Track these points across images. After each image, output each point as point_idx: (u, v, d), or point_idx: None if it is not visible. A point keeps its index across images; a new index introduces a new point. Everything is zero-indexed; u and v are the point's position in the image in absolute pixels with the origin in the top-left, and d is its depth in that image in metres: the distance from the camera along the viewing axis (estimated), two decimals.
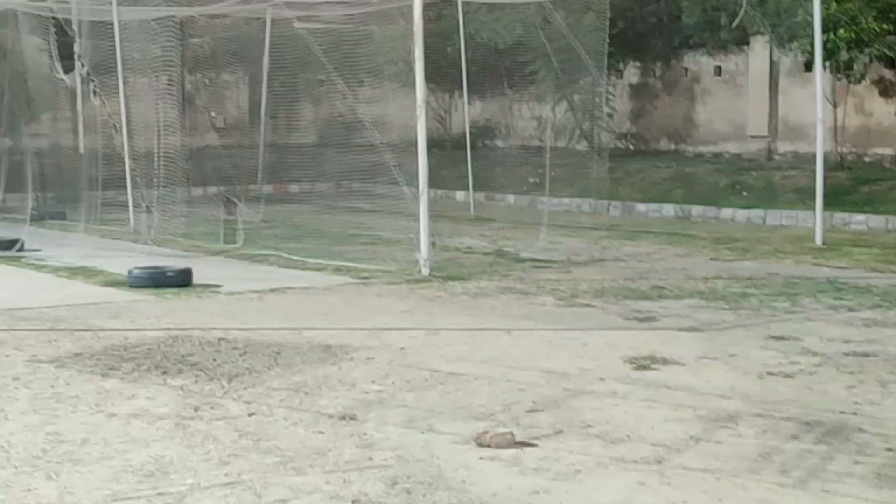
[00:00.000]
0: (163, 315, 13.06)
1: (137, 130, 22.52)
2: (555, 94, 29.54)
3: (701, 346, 11.04)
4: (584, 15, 24.33)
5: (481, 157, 29.04)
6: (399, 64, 22.79)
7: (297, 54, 26.50)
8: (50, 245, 19.74)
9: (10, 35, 25.94)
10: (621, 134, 31.13)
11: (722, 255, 18.46)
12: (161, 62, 22.24)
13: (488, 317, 12.84)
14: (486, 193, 28.17)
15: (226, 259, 18.26)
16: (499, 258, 18.25)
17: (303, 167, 27.98)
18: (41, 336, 11.78)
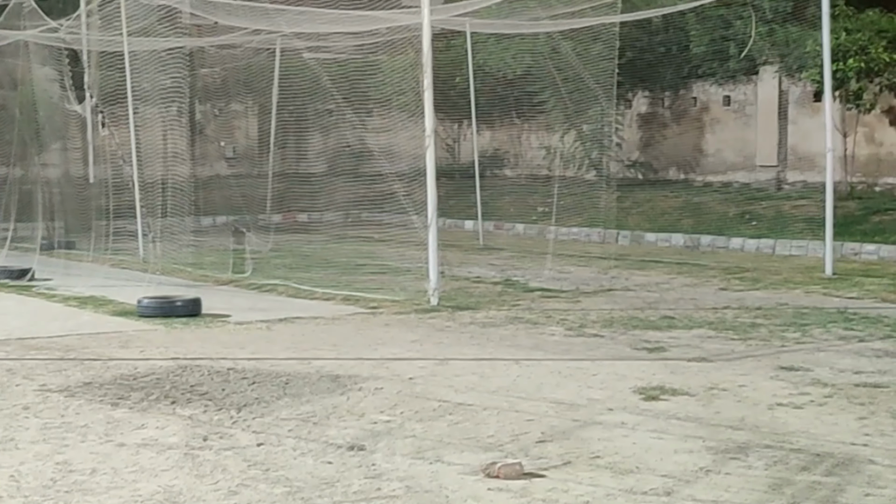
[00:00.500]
0: (172, 345, 13.06)
1: (147, 160, 22.58)
2: (563, 123, 29.57)
3: (710, 376, 11.01)
4: (592, 45, 24.37)
5: (490, 186, 29.08)
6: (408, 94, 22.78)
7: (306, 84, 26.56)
8: (60, 274, 19.79)
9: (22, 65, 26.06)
10: (630, 163, 31.14)
11: (731, 285, 18.43)
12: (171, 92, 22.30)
13: (497, 347, 12.82)
14: (494, 223, 28.20)
15: (235, 289, 18.28)
16: (507, 287, 18.24)
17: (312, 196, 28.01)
18: (51, 365, 11.78)
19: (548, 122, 30.75)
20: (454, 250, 22.48)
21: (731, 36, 28.13)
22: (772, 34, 27.11)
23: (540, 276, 19.35)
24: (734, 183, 29.03)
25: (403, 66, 23.53)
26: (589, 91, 24.49)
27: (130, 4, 21.46)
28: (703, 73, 29.73)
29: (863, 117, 25.49)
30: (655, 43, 30.02)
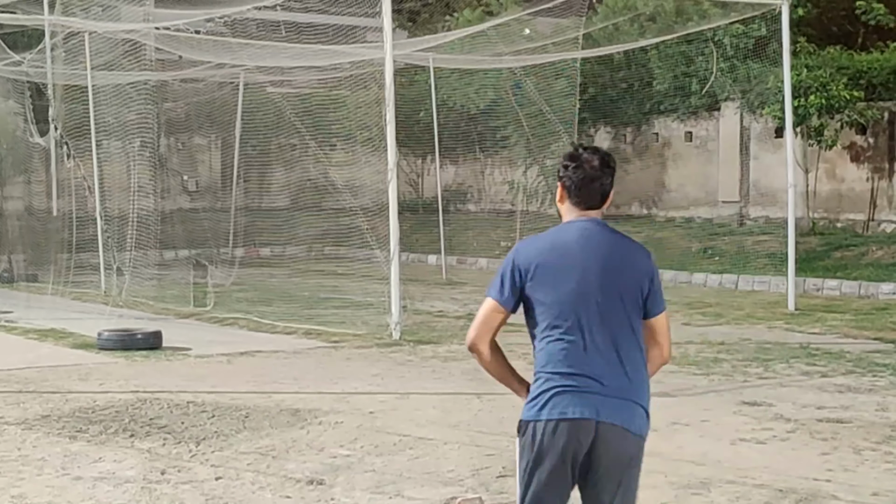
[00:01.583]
0: (132, 377, 12.99)
1: (110, 193, 22.52)
2: (526, 158, 29.65)
3: (673, 411, 10.99)
4: (555, 81, 24.50)
5: (453, 220, 29.09)
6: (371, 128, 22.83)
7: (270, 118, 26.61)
8: (21, 307, 19.69)
9: None
10: None
11: (694, 320, 18.45)
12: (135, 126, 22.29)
13: (459, 381, 12.77)
14: (458, 257, 28.19)
15: (196, 322, 18.20)
16: (470, 321, 18.12)
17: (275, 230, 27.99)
18: (9, 398, 11.69)
19: (511, 157, 30.83)
20: (417, 284, 22.43)
21: (692, 72, 28.30)
22: (733, 70, 27.29)
23: None
24: (696, 218, 29.13)
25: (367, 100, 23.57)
26: (551, 126, 24.59)
27: (95, 38, 21.43)
28: (665, 109, 29.89)
29: (824, 153, 25.65)
30: (618, 79, 30.18)
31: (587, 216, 5.32)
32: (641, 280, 5.34)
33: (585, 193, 5.31)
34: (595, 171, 5.29)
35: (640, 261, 5.39)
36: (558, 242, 5.29)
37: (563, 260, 5.22)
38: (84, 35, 21.47)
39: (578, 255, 5.22)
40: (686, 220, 29.24)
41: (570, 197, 5.35)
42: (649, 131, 30.71)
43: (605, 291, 5.19)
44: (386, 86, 16.18)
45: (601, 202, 5.36)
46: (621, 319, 5.23)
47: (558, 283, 5.20)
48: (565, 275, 5.20)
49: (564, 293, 5.18)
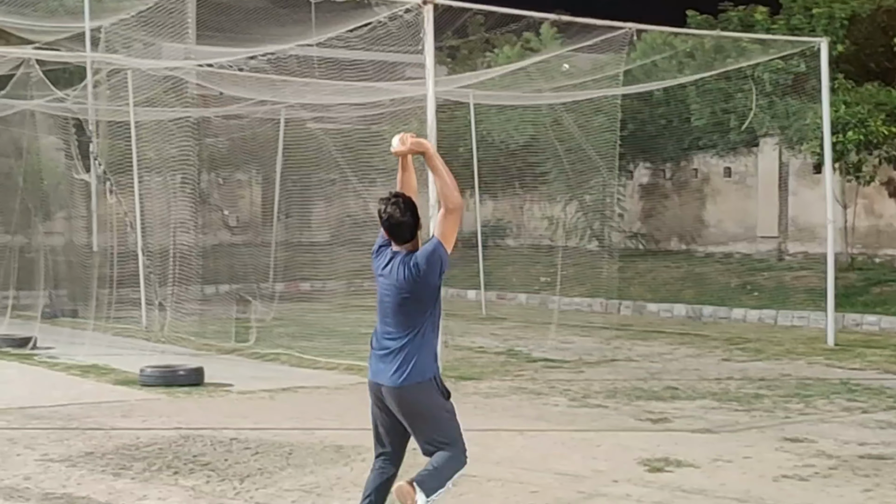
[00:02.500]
0: (174, 414, 13.04)
1: (152, 228, 22.65)
2: (566, 194, 29.70)
3: (715, 447, 10.99)
4: (594, 116, 24.54)
5: (493, 256, 29.13)
6: None
7: (311, 154, 26.71)
8: (62, 342, 19.79)
9: (27, 135, 26.21)
10: (632, 234, 31.21)
11: (734, 356, 18.41)
12: (176, 161, 22.44)
13: (501, 417, 12.79)
14: (497, 292, 28.22)
15: (237, 358, 18.27)
16: (510, 358, 18.23)
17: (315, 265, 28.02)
18: (53, 435, 11.76)
19: (550, 193, 30.87)
20: (457, 320, 22.46)
21: (731, 108, 28.32)
22: (772, 107, 27.28)
23: (543, 347, 19.35)
24: (735, 254, 29.07)
25: None
26: (591, 162, 24.63)
27: (137, 75, 21.64)
28: (704, 145, 29.89)
29: (862, 189, 25.59)
30: (657, 115, 30.21)
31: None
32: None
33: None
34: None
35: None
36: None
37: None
38: (127, 72, 21.68)
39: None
40: (725, 255, 29.18)
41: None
42: (688, 167, 30.70)
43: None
44: (428, 123, 16.26)
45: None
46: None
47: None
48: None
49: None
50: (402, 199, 7.40)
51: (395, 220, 7.36)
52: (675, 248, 30.87)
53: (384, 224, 7.37)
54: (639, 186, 31.94)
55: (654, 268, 28.15)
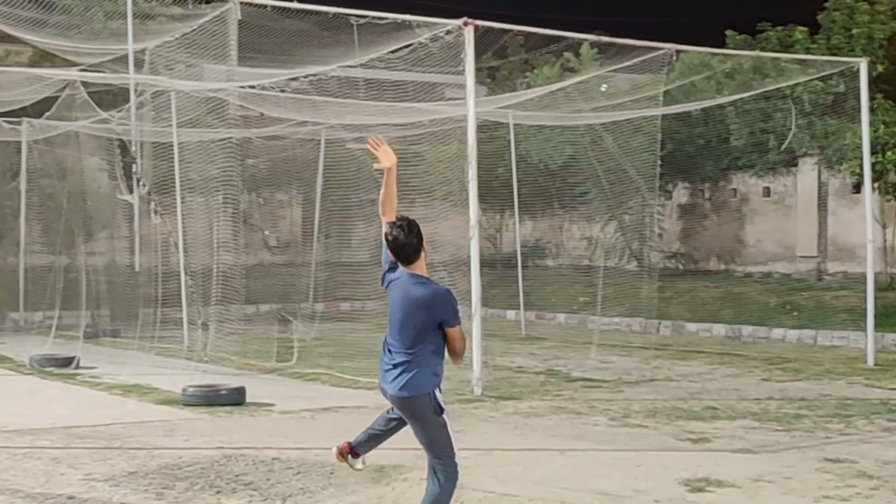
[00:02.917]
0: (216, 434, 13.12)
1: (193, 248, 22.79)
2: (605, 213, 29.72)
3: (756, 468, 10.99)
4: (633, 136, 24.56)
5: (532, 276, 29.15)
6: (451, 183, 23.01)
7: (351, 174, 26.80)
8: (105, 362, 19.94)
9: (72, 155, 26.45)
10: (671, 254, 31.19)
11: (774, 376, 18.38)
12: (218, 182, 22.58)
13: (541, 437, 12.82)
14: (536, 312, 28.25)
15: (278, 377, 18.35)
16: (550, 377, 18.25)
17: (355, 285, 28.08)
18: (96, 454, 11.85)
19: (589, 213, 30.90)
20: (496, 340, 22.51)
21: (770, 128, 28.29)
22: (811, 127, 27.25)
23: (582, 366, 19.37)
24: (774, 273, 29.00)
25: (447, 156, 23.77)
26: (630, 182, 24.65)
27: (180, 96, 21.81)
28: (743, 165, 29.86)
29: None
30: (696, 135, 30.20)
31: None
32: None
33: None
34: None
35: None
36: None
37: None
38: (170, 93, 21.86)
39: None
40: (764, 275, 29.12)
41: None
42: (727, 187, 30.67)
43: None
44: (469, 143, 16.37)
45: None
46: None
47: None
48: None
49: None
50: (407, 223, 7.98)
51: (399, 241, 7.91)
52: (714, 267, 30.83)
53: (390, 246, 7.93)
54: (677, 206, 31.92)
55: (693, 287, 28.11)
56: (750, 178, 30.06)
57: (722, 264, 30.75)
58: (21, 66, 26.78)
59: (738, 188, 30.54)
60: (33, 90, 22.76)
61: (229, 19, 17.14)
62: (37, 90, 22.75)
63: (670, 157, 28.33)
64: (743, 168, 29.99)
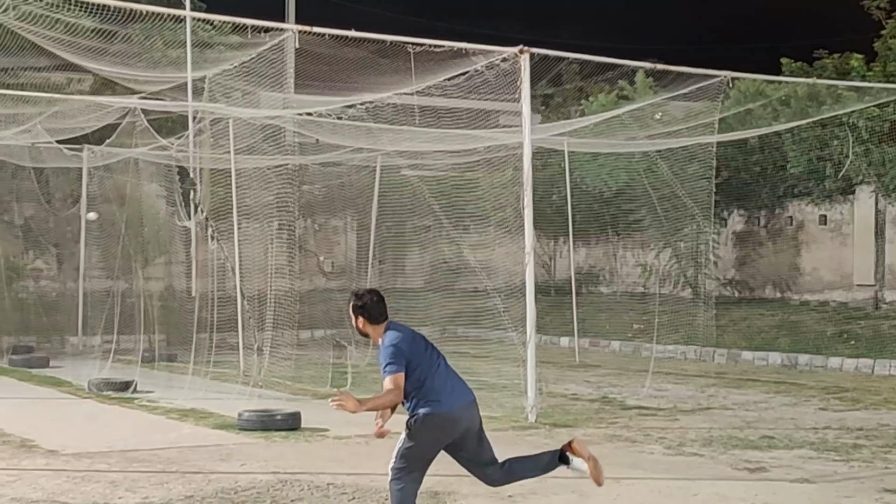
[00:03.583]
0: (272, 458, 13.19)
1: (249, 273, 22.94)
2: (659, 241, 29.65)
3: (813, 498, 10.93)
4: (688, 163, 24.52)
5: (586, 302, 29.13)
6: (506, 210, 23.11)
7: (405, 200, 26.95)
8: (162, 386, 20.10)
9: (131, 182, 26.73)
10: (726, 281, 31.05)
11: (831, 405, 18.25)
12: (274, 208, 22.74)
13: None
14: (590, 339, 28.20)
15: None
16: (605, 405, 18.21)
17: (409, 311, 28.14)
18: (153, 478, 11.94)
19: (644, 240, 30.85)
20: (550, 367, 22.47)
21: (827, 156, 28.13)
22: (868, 154, 27.07)
23: (637, 394, 19.31)
24: (831, 302, 28.79)
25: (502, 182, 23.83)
26: (685, 209, 24.59)
27: (238, 123, 22.01)
28: (800, 193, 29.71)
29: None
30: (751, 162, 30.10)
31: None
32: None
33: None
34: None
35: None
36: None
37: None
38: (228, 120, 22.06)
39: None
40: (821, 303, 28.91)
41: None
42: (783, 214, 30.52)
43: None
44: (524, 170, 16.42)
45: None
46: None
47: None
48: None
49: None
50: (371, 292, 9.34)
51: (374, 302, 9.28)
52: (769, 295, 30.65)
53: (374, 308, 9.27)
54: (733, 234, 31.78)
55: (748, 315, 27.97)
56: (806, 206, 29.90)
57: (778, 292, 30.57)
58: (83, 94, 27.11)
59: (794, 216, 30.37)
60: (95, 118, 23.08)
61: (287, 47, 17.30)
62: (98, 118, 23.07)
63: (726, 185, 28.25)
64: (799, 196, 29.83)
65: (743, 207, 31.24)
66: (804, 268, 30.05)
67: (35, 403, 18.92)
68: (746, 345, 25.94)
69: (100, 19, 15.92)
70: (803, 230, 30.11)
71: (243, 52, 18.33)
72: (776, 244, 30.65)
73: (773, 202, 30.54)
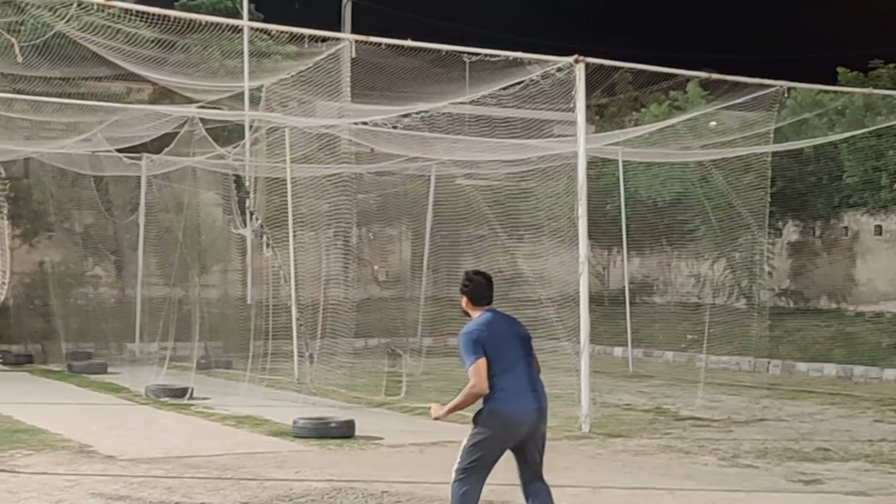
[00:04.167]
0: (326, 466, 13.26)
1: (304, 282, 23.06)
2: (713, 251, 29.53)
3: None
4: (743, 173, 24.42)
5: (639, 313, 29.04)
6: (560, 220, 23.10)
7: (460, 209, 26.99)
8: (217, 393, 20.25)
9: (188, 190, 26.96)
10: (780, 292, 30.89)
11: (887, 417, 18.13)
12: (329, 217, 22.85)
13: (650, 476, 12.79)
14: (644, 349, 28.13)
15: (387, 411, 18.48)
16: (658, 415, 18.18)
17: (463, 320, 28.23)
18: (209, 484, 12.04)
19: (698, 250, 30.72)
20: (604, 377, 22.46)
21: (883, 166, 27.95)
22: None
23: (691, 405, 19.26)
24: (886, 313, 28.57)
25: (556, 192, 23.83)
26: (740, 219, 24.49)
27: (294, 133, 22.14)
28: (855, 203, 29.52)
29: None
30: (807, 172, 29.93)
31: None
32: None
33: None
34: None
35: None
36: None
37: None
38: (284, 129, 22.22)
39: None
40: (876, 314, 28.69)
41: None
42: (838, 225, 30.33)
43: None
44: (578, 180, 16.43)
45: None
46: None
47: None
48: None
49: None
50: (482, 273, 9.32)
51: (483, 283, 9.24)
52: (824, 306, 30.47)
53: (478, 287, 9.22)
54: (787, 244, 31.62)
55: (802, 326, 27.81)
56: (862, 216, 29.70)
57: (833, 303, 30.37)
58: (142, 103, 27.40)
59: (849, 226, 30.18)
60: (153, 127, 23.32)
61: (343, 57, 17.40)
62: (157, 127, 23.30)
63: (781, 195, 28.10)
64: (854, 206, 29.64)
65: (798, 217, 31.07)
66: (859, 278, 29.85)
67: (93, 409, 19.11)
68: (801, 356, 25.80)
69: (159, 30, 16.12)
70: (858, 241, 29.91)
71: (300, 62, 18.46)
72: (831, 254, 30.46)
73: (828, 212, 30.37)
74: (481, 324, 8.87)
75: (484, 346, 8.71)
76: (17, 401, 18.41)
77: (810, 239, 31.24)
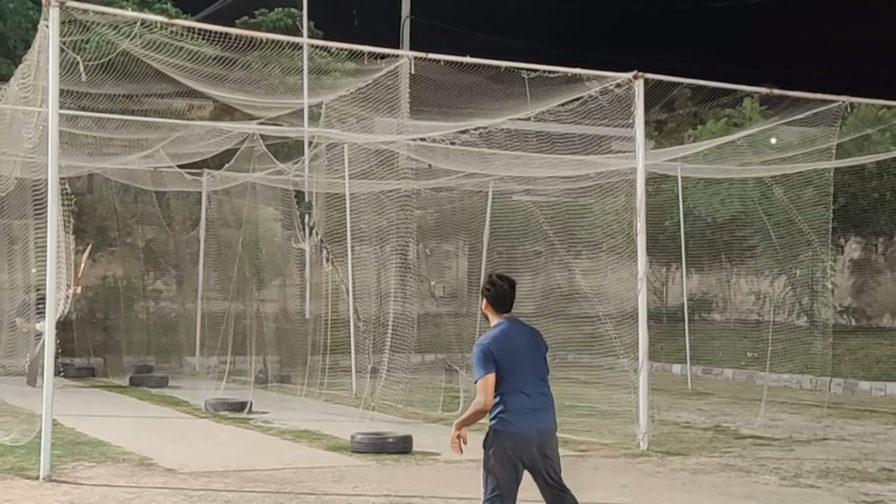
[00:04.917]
0: (384, 481, 13.27)
1: (361, 297, 23.13)
2: (774, 268, 29.32)
3: None
4: (804, 190, 24.24)
5: (698, 330, 28.89)
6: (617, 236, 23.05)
7: (517, 225, 26.97)
8: (276, 407, 20.34)
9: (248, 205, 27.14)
10: (842, 309, 30.61)
11: None
12: (386, 232, 22.92)
13: (709, 495, 12.70)
14: (703, 367, 27.96)
15: (444, 426, 18.40)
16: (718, 434, 18.05)
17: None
18: (267, 498, 12.09)
19: (758, 267, 30.51)
20: (662, 394, 22.33)
21: None
22: None
23: (751, 423, 19.10)
24: None
25: (614, 208, 23.78)
26: (800, 236, 24.29)
27: (353, 149, 22.25)
28: None
29: None
30: (869, 189, 29.66)
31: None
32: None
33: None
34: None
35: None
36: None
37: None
38: (343, 145, 22.32)
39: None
40: None
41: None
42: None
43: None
44: (637, 196, 16.38)
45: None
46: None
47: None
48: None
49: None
50: (506, 278, 9.31)
51: (506, 290, 9.23)
52: (887, 324, 30.17)
53: (499, 293, 9.23)
54: (850, 261, 31.34)
55: (865, 345, 27.53)
56: None
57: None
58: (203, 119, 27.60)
59: None
60: (214, 143, 23.49)
61: (402, 73, 17.45)
62: (218, 143, 23.48)
63: (843, 211, 27.86)
64: None
65: (860, 234, 30.81)
66: None
67: (154, 422, 19.26)
68: (864, 375, 25.54)
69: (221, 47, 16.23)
70: None
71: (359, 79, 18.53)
72: (894, 272, 30.17)
73: (891, 229, 30.09)
74: (496, 337, 8.86)
75: (496, 361, 8.70)
76: (79, 413, 18.56)
77: (873, 256, 30.97)
